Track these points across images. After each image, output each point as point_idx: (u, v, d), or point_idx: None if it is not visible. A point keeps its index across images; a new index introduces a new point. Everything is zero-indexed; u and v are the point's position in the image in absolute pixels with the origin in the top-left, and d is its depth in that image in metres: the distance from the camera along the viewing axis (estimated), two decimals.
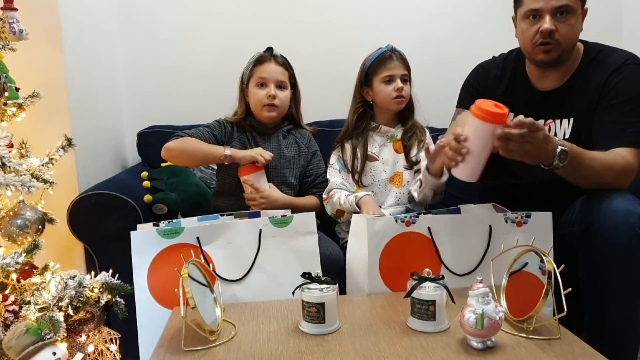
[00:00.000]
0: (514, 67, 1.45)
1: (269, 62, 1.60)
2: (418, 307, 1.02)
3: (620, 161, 1.23)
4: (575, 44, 1.34)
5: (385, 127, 1.65)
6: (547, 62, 1.33)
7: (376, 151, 1.64)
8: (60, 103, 1.53)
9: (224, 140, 1.62)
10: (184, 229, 1.22)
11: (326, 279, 1.04)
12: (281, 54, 1.64)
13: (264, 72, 1.59)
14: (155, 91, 2.12)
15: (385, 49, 1.61)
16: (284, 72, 1.62)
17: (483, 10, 2.19)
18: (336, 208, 1.60)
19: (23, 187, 1.07)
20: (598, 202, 1.19)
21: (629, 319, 1.17)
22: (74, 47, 1.60)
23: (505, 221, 1.25)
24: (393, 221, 1.24)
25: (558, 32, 1.28)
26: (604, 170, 1.21)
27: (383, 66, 1.58)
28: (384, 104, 1.62)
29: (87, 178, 1.62)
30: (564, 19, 1.28)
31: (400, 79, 1.58)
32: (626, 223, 1.13)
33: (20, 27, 1.08)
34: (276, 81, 1.59)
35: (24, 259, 1.10)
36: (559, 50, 1.30)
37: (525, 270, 1.08)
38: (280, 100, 1.59)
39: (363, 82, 1.64)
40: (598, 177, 1.21)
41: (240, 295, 1.22)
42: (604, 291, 1.16)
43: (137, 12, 2.08)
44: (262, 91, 1.59)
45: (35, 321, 1.07)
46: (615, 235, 1.14)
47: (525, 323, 1.02)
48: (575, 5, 1.28)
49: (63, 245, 1.53)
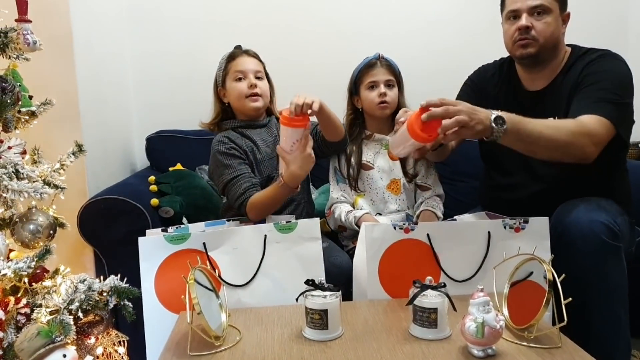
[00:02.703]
0: (507, 70, 1.53)
1: (242, 56, 1.58)
2: (420, 315, 1.03)
3: (571, 123, 1.24)
4: (556, 43, 1.41)
5: (379, 134, 1.66)
6: (526, 57, 1.40)
7: (371, 159, 1.65)
8: (72, 109, 1.56)
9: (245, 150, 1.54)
10: (190, 235, 1.25)
11: (329, 286, 1.06)
12: (249, 49, 1.62)
13: (239, 66, 1.56)
14: (164, 96, 2.15)
15: (372, 57, 1.64)
16: (259, 63, 1.59)
17: (488, 17, 2.18)
18: (338, 224, 1.62)
19: (36, 193, 1.10)
20: (568, 212, 1.23)
21: (613, 325, 1.20)
22: (85, 54, 1.63)
23: (504, 227, 1.27)
24: (391, 228, 1.25)
25: (535, 29, 1.37)
26: (552, 132, 1.20)
27: (367, 73, 1.62)
28: (370, 110, 1.64)
29: (96, 182, 1.65)
30: (540, 17, 1.37)
31: (383, 84, 1.60)
32: (592, 233, 1.17)
33: (34, 39, 1.10)
34: (254, 72, 1.55)
35: (35, 264, 1.12)
36: (536, 45, 1.38)
37: (530, 279, 1.08)
38: (262, 89, 1.56)
39: (353, 91, 1.67)
40: (548, 141, 1.20)
41: (245, 300, 1.24)
42: (583, 301, 1.17)
43: (145, 20, 2.12)
44: (242, 83, 1.54)
45: (46, 324, 1.10)
46: (584, 245, 1.18)
47: (526, 331, 1.03)
48: (551, 6, 1.37)
49: (73, 249, 1.56)
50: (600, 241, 1.17)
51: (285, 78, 1.68)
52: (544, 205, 1.31)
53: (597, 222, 1.18)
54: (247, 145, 1.55)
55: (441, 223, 1.32)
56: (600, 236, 1.17)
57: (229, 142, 1.53)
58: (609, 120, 1.25)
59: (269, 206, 1.43)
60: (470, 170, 1.85)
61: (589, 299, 1.19)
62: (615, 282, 1.20)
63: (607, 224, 1.19)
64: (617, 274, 1.20)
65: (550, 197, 1.34)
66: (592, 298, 1.19)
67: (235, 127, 1.59)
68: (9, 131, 1.16)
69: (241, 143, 1.54)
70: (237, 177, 1.47)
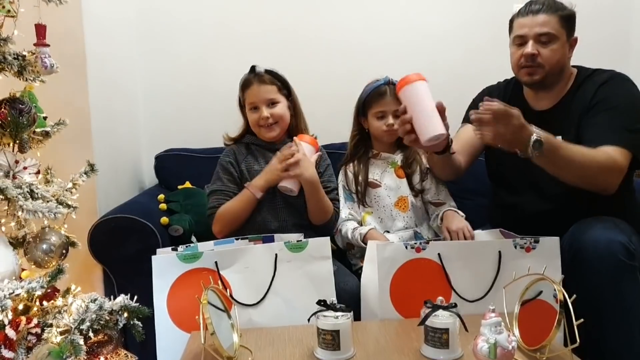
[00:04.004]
0: (513, 90, 1.56)
1: (253, 84, 1.56)
2: (432, 335, 1.03)
3: (602, 156, 1.27)
4: (562, 68, 1.43)
5: (385, 153, 1.68)
6: (531, 83, 1.43)
7: (378, 178, 1.66)
8: (84, 129, 1.58)
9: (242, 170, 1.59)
10: (202, 253, 1.26)
11: (341, 307, 1.06)
12: (266, 69, 1.58)
13: (251, 97, 1.56)
14: (173, 115, 2.18)
15: (381, 83, 1.62)
16: (272, 88, 1.56)
17: (492, 34, 2.22)
18: (346, 242, 1.63)
19: (50, 213, 1.11)
20: (583, 231, 1.23)
21: (628, 344, 1.20)
22: (98, 75, 1.66)
23: (515, 247, 1.27)
24: (403, 247, 1.27)
25: (540, 56, 1.39)
26: (583, 162, 1.25)
27: (376, 101, 1.61)
28: (377, 136, 1.66)
29: (106, 200, 1.67)
30: (546, 45, 1.38)
31: (392, 115, 1.59)
32: (609, 253, 1.18)
33: (52, 62, 1.13)
34: (266, 101, 1.55)
35: (48, 284, 1.13)
36: (542, 72, 1.40)
37: (540, 298, 1.09)
38: (276, 116, 1.55)
39: (360, 112, 1.67)
40: (578, 170, 1.26)
41: (256, 319, 1.25)
42: (596, 318, 1.18)
43: (156, 40, 2.15)
44: (255, 114, 1.56)
45: (57, 344, 1.10)
46: (600, 264, 1.19)
47: (538, 352, 1.03)
48: (557, 33, 1.38)
49: (82, 268, 1.56)
50: (617, 260, 1.17)
51: None
52: (552, 225, 1.32)
53: (615, 242, 1.19)
54: (247, 165, 1.59)
55: (452, 243, 1.33)
56: (618, 255, 1.17)
57: (231, 156, 1.60)
58: (630, 150, 1.29)
59: (231, 215, 1.51)
60: (478, 188, 1.85)
61: (604, 318, 1.19)
62: (631, 301, 1.20)
63: (625, 244, 1.19)
64: (633, 294, 1.20)
65: (559, 216, 1.34)
66: (607, 317, 1.19)
67: (251, 143, 1.63)
68: (24, 152, 1.17)
69: (241, 160, 1.59)
70: (219, 191, 1.55)
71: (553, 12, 1.38)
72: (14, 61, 1.09)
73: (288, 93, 1.61)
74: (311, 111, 1.82)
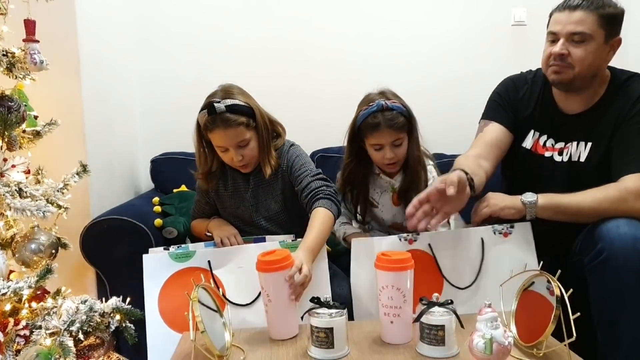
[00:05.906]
0: (542, 88, 1.45)
1: (218, 127, 1.37)
2: (427, 332, 1.01)
3: (613, 192, 1.23)
4: (595, 70, 1.32)
5: (387, 177, 1.59)
6: (558, 83, 1.35)
7: (377, 197, 1.60)
8: (77, 130, 1.56)
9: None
10: (195, 252, 1.24)
11: (335, 304, 1.04)
12: (226, 104, 1.36)
13: (217, 140, 1.40)
14: (169, 118, 2.17)
15: (374, 109, 1.45)
16: (239, 131, 1.37)
17: (491, 39, 2.26)
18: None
19: (38, 212, 1.09)
20: (605, 230, 1.19)
21: None
22: (92, 76, 1.65)
23: (494, 233, 1.32)
24: (397, 240, 1.31)
25: (571, 56, 1.29)
26: (592, 203, 1.23)
27: (371, 133, 1.47)
28: (378, 165, 1.57)
29: (100, 203, 1.65)
30: (579, 44, 1.28)
31: (390, 146, 1.47)
32: (635, 250, 1.13)
33: (41, 58, 1.12)
34: (235, 145, 1.38)
35: (36, 284, 1.11)
36: (570, 73, 1.30)
37: (532, 289, 1.08)
38: (248, 157, 1.41)
39: (356, 136, 1.54)
40: (591, 210, 1.24)
41: (250, 319, 1.22)
42: (615, 319, 1.15)
43: (152, 44, 2.15)
44: (226, 155, 1.42)
45: (46, 346, 1.08)
46: (626, 263, 1.14)
47: (534, 348, 1.01)
48: (593, 33, 1.27)
49: (74, 270, 1.55)
50: None
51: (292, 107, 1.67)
52: (563, 236, 1.31)
53: None
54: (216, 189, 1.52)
55: (439, 232, 1.35)
56: None
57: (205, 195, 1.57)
58: None
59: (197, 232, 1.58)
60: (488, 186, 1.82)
61: (622, 316, 1.15)
62: None
63: None
64: None
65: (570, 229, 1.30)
66: (626, 315, 1.15)
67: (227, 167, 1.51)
68: (12, 150, 1.16)
69: (213, 185, 1.51)
70: (197, 205, 1.62)
71: (592, 9, 1.26)
72: (3, 58, 1.08)
73: (254, 120, 1.41)
74: (309, 114, 1.83)
